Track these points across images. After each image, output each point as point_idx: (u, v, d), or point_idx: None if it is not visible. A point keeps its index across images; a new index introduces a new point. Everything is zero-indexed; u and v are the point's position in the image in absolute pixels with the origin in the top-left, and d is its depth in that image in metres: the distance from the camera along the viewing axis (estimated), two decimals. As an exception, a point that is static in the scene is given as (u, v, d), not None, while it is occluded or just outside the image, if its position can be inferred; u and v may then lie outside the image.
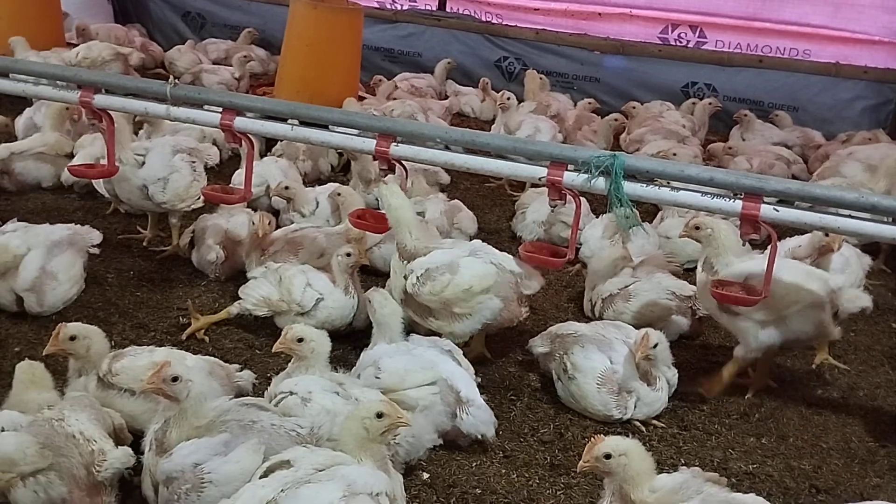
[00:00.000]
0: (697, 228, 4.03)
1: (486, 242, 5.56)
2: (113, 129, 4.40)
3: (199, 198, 4.90)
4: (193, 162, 4.98)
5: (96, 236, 4.54)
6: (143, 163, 4.71)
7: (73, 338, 3.32)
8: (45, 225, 4.42)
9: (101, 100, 4.33)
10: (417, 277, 3.87)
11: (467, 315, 3.90)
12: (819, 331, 3.96)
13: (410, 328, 3.93)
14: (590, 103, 8.14)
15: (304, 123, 4.29)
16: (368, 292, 3.85)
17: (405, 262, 3.95)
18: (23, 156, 5.69)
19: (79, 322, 3.92)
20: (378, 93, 8.36)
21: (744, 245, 5.32)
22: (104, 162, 4.58)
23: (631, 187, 3.64)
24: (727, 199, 3.54)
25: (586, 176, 3.67)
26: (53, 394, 3.24)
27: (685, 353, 4.48)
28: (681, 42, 9.27)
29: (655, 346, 3.72)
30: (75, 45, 7.92)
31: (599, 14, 9.50)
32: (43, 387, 3.25)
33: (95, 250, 4.54)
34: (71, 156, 5.81)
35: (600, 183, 3.66)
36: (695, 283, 4.63)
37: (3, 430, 2.91)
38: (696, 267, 5.33)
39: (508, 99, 6.47)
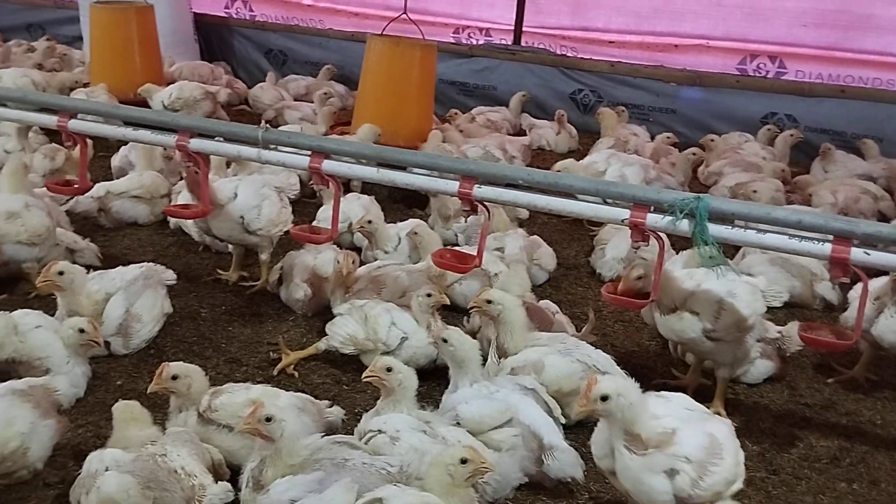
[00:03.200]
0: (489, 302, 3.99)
1: (564, 278, 5.71)
2: (207, 172, 4.60)
3: (289, 222, 5.13)
4: (280, 191, 5.23)
5: (170, 275, 4.71)
6: (236, 195, 4.90)
7: (175, 377, 3.47)
8: (119, 268, 4.61)
9: (196, 144, 4.53)
10: None
11: None
12: None
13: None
14: (668, 137, 8.11)
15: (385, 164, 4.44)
16: (441, 332, 3.84)
17: (500, 359, 3.98)
18: (120, 195, 5.96)
19: (177, 358, 4.15)
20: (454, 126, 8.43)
21: (833, 288, 5.26)
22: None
23: (716, 229, 3.63)
24: (815, 243, 3.51)
25: (670, 218, 3.68)
26: (155, 429, 3.39)
27: (771, 395, 4.45)
28: (759, 73, 9.17)
29: (605, 398, 2.94)
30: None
31: (676, 46, 9.48)
32: (142, 423, 3.41)
33: (171, 281, 4.71)
34: (166, 195, 6.08)
35: (684, 225, 3.66)
36: (781, 324, 4.61)
37: (107, 470, 3.06)
38: (779, 306, 5.35)
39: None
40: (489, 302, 4.03)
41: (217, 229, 4.95)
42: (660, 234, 3.84)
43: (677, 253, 5.47)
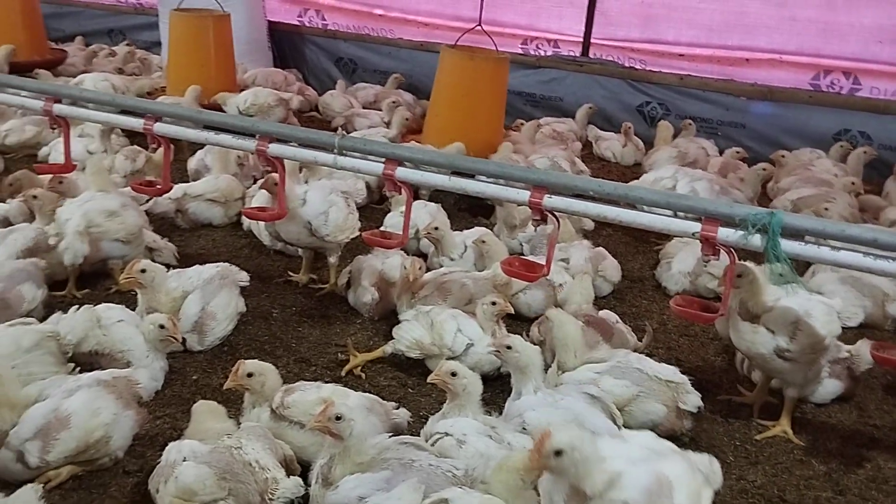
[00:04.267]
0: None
1: (629, 291, 5.71)
2: (284, 176, 4.73)
3: (356, 228, 5.23)
4: (347, 197, 5.34)
5: (244, 276, 4.85)
6: (305, 201, 5.03)
7: (250, 374, 3.59)
8: (196, 267, 4.78)
9: (274, 149, 4.66)
10: None
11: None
12: None
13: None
14: (738, 152, 8.04)
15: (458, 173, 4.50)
16: (503, 339, 3.90)
17: (560, 373, 4.02)
18: (197, 198, 6.16)
19: (249, 356, 4.28)
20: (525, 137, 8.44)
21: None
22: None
23: (788, 245, 3.60)
24: (891, 261, 3.46)
25: (742, 233, 3.65)
26: (230, 423, 3.52)
27: (840, 415, 4.39)
28: (833, 88, 9.02)
29: (559, 453, 2.77)
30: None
31: (747, 60, 9.37)
32: (219, 417, 3.55)
33: (245, 282, 4.84)
34: (240, 198, 6.26)
35: (756, 240, 3.64)
36: (851, 344, 4.54)
37: (185, 460, 3.19)
38: (854, 326, 5.26)
39: None
40: (547, 318, 4.19)
41: (285, 233, 5.09)
42: (731, 248, 3.83)
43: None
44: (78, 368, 3.92)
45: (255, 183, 6.56)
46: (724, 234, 3.72)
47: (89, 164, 5.34)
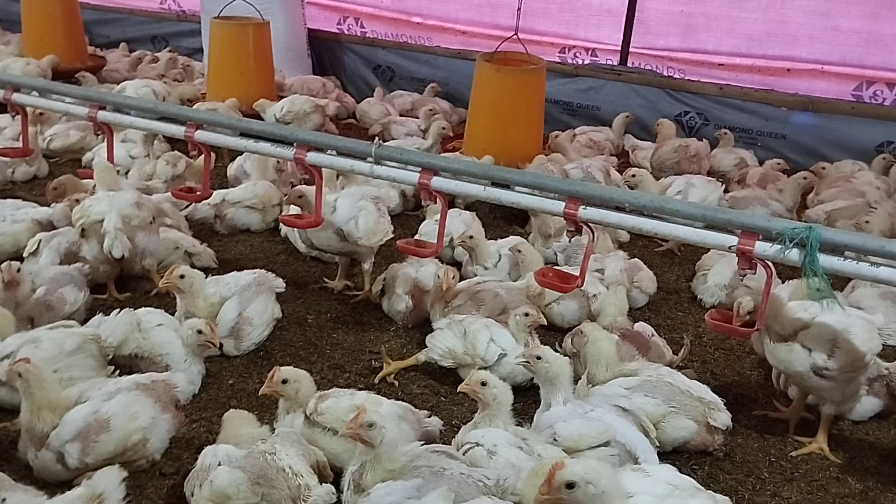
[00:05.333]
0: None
1: (664, 302, 5.67)
2: (321, 184, 4.78)
3: (388, 232, 5.25)
4: (378, 202, 5.36)
5: (280, 283, 4.90)
6: (335, 209, 5.07)
7: (284, 381, 3.64)
8: (233, 273, 4.84)
9: (312, 157, 4.72)
10: None
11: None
12: None
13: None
14: (778, 164, 7.95)
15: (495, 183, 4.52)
16: (533, 350, 3.90)
17: (590, 386, 4.02)
18: (235, 204, 6.23)
19: (284, 361, 4.33)
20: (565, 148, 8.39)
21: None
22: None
23: (827, 260, 3.57)
24: (932, 279, 3.42)
25: (779, 247, 3.63)
26: (265, 428, 3.57)
27: (878, 433, 4.33)
28: (876, 100, 8.87)
29: (571, 486, 2.73)
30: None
31: (788, 70, 9.24)
32: (251, 424, 3.60)
33: (281, 289, 4.89)
34: (278, 205, 6.33)
35: (794, 255, 3.61)
36: (890, 360, 4.47)
37: (220, 465, 3.24)
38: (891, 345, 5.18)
39: (634, 176, 6.29)
40: (581, 332, 4.22)
41: (317, 240, 5.13)
42: (768, 262, 3.79)
43: (783, 282, 5.39)
44: (117, 371, 4.01)
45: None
46: (762, 247, 3.70)
47: (95, 166, 5.39)
